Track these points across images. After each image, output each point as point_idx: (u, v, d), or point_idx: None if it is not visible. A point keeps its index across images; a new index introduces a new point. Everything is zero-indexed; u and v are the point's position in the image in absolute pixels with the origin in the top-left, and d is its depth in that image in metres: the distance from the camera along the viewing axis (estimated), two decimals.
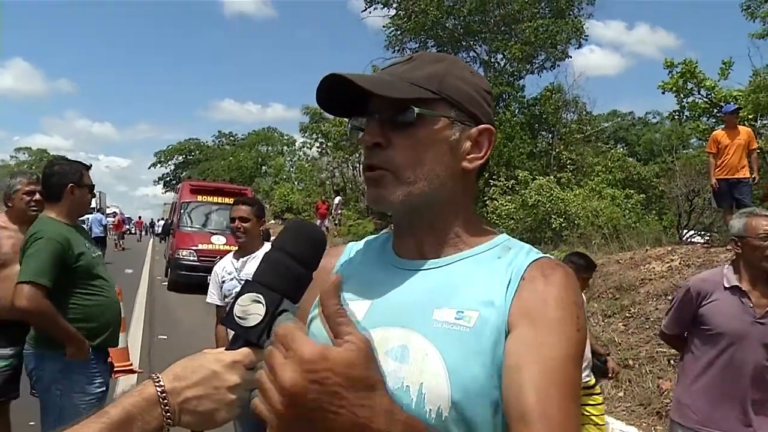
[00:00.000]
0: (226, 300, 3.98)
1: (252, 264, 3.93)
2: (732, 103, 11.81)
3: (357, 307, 1.08)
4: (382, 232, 1.24)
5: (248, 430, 3.70)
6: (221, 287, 4.05)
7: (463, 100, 1.06)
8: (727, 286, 3.01)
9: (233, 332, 0.94)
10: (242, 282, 3.58)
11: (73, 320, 3.16)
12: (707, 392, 2.98)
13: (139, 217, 56.53)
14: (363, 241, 1.24)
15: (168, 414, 0.89)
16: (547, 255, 1.07)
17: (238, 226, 4.03)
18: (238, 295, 0.94)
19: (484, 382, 0.94)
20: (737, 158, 8.19)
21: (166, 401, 0.89)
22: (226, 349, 0.95)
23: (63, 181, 3.33)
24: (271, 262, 0.96)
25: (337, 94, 1.06)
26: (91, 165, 3.55)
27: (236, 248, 4.25)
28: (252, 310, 0.92)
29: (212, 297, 4.13)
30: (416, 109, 1.01)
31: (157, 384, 0.90)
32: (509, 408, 0.91)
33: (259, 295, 0.92)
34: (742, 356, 2.90)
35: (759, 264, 2.98)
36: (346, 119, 1.15)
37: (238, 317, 0.92)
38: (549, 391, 0.89)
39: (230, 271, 4.05)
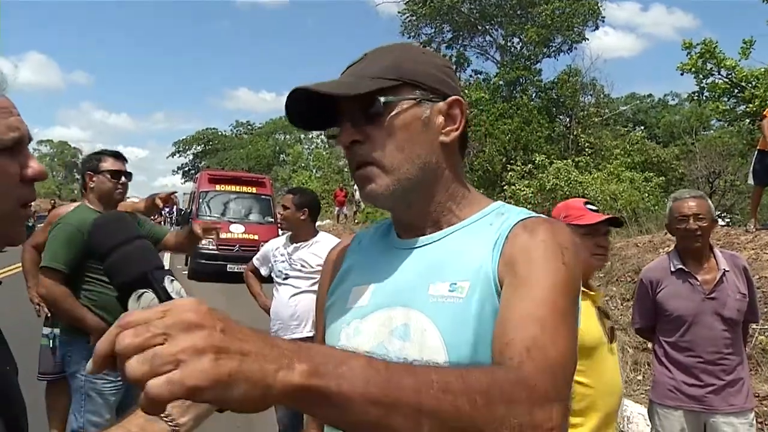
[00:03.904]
0: (277, 280, 4.21)
1: (301, 252, 4.10)
2: (753, 82, 11.59)
3: (362, 291, 1.12)
4: None
5: (287, 413, 3.93)
6: (271, 264, 4.28)
7: (424, 79, 1.08)
8: (673, 270, 3.16)
9: None
10: (290, 265, 3.53)
11: (94, 307, 3.22)
12: (676, 371, 3.12)
13: None
14: (372, 227, 1.28)
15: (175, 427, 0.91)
16: (540, 215, 1.08)
17: (280, 212, 4.38)
18: (126, 308, 0.90)
19: (482, 349, 0.96)
20: None
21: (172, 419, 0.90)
22: None
23: (82, 171, 3.44)
24: (114, 263, 0.93)
25: (307, 109, 1.09)
26: (116, 152, 3.49)
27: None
28: (144, 303, 0.90)
29: (256, 261, 4.46)
30: (382, 99, 1.04)
31: (167, 420, 0.90)
32: (493, 346, 0.91)
33: (137, 291, 0.90)
34: (701, 333, 3.05)
35: (684, 244, 3.16)
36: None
37: None
38: (532, 318, 0.89)
39: (282, 253, 4.21)
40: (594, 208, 2.53)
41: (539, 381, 0.81)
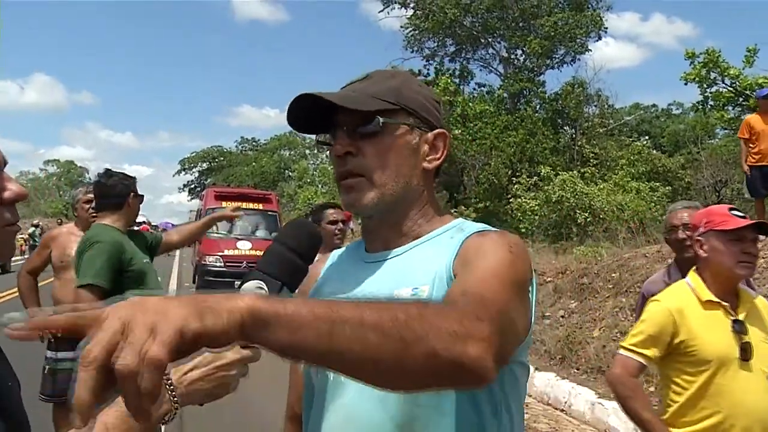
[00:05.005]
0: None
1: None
2: (758, 90, 11.55)
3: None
4: None
5: None
6: None
7: (418, 108, 1.20)
8: (668, 282, 3.06)
9: None
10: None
11: None
12: None
13: (143, 223, 56.03)
14: (345, 247, 1.40)
15: (175, 398, 0.96)
16: (500, 230, 1.17)
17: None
18: (242, 283, 1.01)
19: None
20: None
21: (172, 386, 0.96)
22: None
23: (126, 191, 3.50)
24: (273, 254, 1.05)
25: (305, 112, 1.18)
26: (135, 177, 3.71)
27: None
28: (252, 292, 0.98)
29: None
30: (381, 119, 1.14)
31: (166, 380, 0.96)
32: None
33: (262, 283, 1.00)
34: None
35: (678, 255, 3.15)
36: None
37: None
38: (475, 280, 0.96)
39: None
40: (740, 213, 2.36)
41: (468, 306, 0.87)
